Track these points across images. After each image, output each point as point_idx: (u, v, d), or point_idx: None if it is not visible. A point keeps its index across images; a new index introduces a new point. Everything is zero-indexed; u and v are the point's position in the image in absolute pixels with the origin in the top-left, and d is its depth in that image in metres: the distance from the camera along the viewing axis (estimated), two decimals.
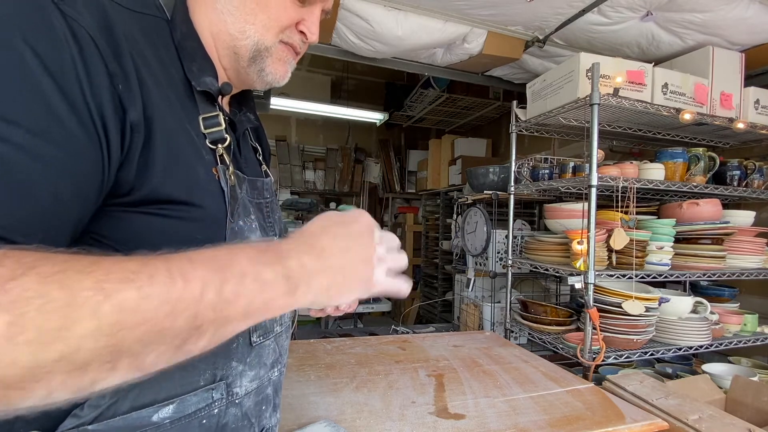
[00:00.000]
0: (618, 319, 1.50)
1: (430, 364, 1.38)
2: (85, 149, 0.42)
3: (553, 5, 1.70)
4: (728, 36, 1.73)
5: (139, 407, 0.49)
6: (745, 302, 1.97)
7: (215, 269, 0.38)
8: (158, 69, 0.52)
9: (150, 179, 0.48)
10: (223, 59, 0.63)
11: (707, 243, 1.67)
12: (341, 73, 4.51)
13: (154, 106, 0.49)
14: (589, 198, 1.47)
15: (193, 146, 0.55)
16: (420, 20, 1.83)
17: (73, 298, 0.30)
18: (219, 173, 0.57)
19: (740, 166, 1.81)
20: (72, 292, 0.31)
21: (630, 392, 1.22)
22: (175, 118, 0.53)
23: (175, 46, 0.58)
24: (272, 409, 0.67)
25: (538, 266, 1.79)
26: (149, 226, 0.49)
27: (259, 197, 0.68)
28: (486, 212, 2.26)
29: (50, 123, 0.39)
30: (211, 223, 0.54)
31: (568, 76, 1.61)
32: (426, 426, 0.98)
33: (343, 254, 0.47)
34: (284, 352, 0.70)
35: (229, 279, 0.38)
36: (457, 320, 2.70)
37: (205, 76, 0.58)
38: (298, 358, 1.37)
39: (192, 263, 0.38)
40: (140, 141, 0.47)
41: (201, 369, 0.54)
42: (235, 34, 0.61)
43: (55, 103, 0.40)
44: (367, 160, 5.01)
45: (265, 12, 0.60)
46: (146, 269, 0.35)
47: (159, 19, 0.58)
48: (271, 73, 0.65)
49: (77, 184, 0.42)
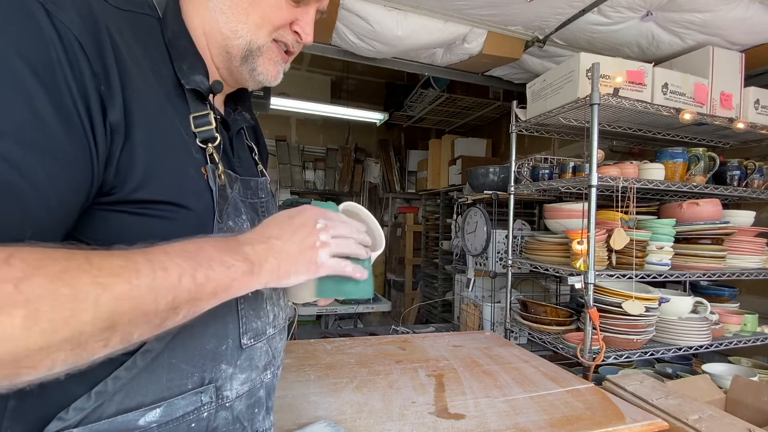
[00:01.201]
0: (618, 319, 1.50)
1: (430, 364, 1.38)
2: (75, 156, 0.43)
3: (553, 5, 1.70)
4: (728, 36, 1.73)
5: (126, 410, 0.49)
6: (745, 302, 1.97)
7: (188, 258, 0.45)
8: (148, 67, 0.52)
9: (131, 179, 0.48)
10: (216, 58, 0.63)
11: (707, 243, 1.67)
12: (341, 73, 4.51)
13: (137, 106, 0.48)
14: (589, 198, 1.47)
15: (182, 145, 0.54)
16: (420, 20, 1.83)
17: (77, 293, 0.36)
18: (208, 173, 0.56)
19: (740, 166, 1.81)
20: (76, 287, 0.36)
21: (630, 392, 1.22)
22: (164, 117, 0.53)
23: (165, 45, 0.58)
24: (265, 412, 0.66)
25: (538, 266, 1.79)
26: (132, 226, 0.49)
27: (253, 197, 0.67)
28: (486, 212, 2.26)
29: (41, 132, 0.40)
30: (197, 223, 0.54)
31: (568, 76, 1.61)
32: (426, 426, 0.98)
33: (287, 241, 0.54)
34: (278, 354, 0.69)
35: (200, 265, 0.45)
36: (457, 320, 2.70)
37: (195, 75, 0.58)
38: (298, 358, 1.37)
39: (168, 255, 0.44)
40: (120, 141, 0.47)
41: (188, 372, 0.54)
42: (228, 33, 0.60)
43: (44, 110, 0.40)
44: (367, 160, 5.01)
45: (257, 11, 0.60)
46: (131, 264, 0.40)
47: (150, 17, 0.57)
48: (263, 73, 0.65)
49: (69, 191, 0.43)
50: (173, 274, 0.43)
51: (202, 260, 0.46)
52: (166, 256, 0.43)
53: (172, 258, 0.43)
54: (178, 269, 0.43)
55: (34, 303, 0.34)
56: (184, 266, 0.44)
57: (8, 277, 0.34)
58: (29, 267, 0.35)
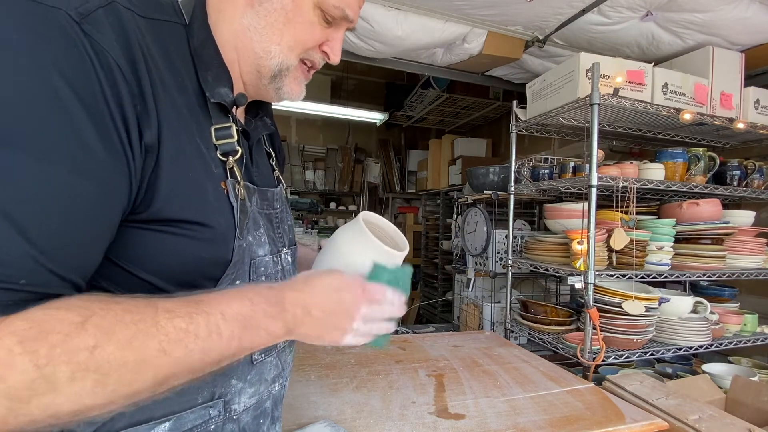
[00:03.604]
0: (618, 319, 1.50)
1: (430, 364, 1.38)
2: (117, 180, 0.44)
3: (553, 5, 1.70)
4: (728, 36, 1.73)
5: (136, 424, 0.50)
6: (745, 302, 1.97)
7: (240, 324, 0.48)
8: (171, 79, 0.51)
9: (157, 199, 0.48)
10: (246, 75, 0.62)
11: (707, 243, 1.67)
12: (341, 73, 4.51)
13: (165, 124, 0.48)
14: (589, 198, 1.47)
15: (203, 161, 0.54)
16: (420, 20, 1.83)
17: (144, 359, 0.40)
18: (228, 187, 0.56)
19: (740, 166, 1.81)
20: (143, 354, 0.40)
21: (630, 392, 1.22)
22: (186, 133, 0.52)
23: (190, 53, 0.56)
24: (270, 422, 0.66)
25: (538, 266, 1.79)
26: (158, 244, 0.50)
27: (269, 208, 0.67)
28: (486, 212, 2.26)
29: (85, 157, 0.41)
30: (220, 240, 0.54)
31: (568, 76, 1.61)
32: (426, 426, 0.98)
33: (325, 317, 0.55)
34: (287, 367, 0.70)
35: (249, 332, 0.49)
36: (457, 320, 2.70)
37: (219, 87, 0.57)
38: (298, 358, 1.37)
39: (224, 319, 0.46)
40: (153, 161, 0.47)
41: (200, 388, 0.54)
42: (260, 53, 0.59)
43: (88, 134, 0.41)
44: (367, 160, 5.01)
45: (291, 32, 0.59)
46: (192, 327, 0.44)
47: (176, 24, 0.56)
48: (288, 93, 0.65)
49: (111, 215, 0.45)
50: (224, 338, 0.46)
51: (251, 327, 0.49)
52: (222, 320, 0.46)
53: (228, 322, 0.47)
54: (229, 334, 0.46)
55: (105, 369, 0.38)
56: (236, 332, 0.47)
57: (84, 345, 0.37)
58: (102, 334, 0.38)
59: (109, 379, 0.38)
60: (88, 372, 0.37)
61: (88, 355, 0.37)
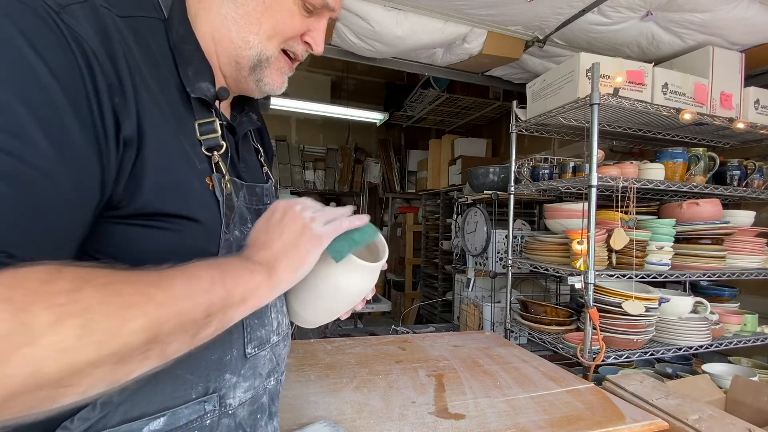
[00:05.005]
0: (618, 319, 1.50)
1: (430, 364, 1.38)
2: (91, 167, 0.43)
3: (553, 5, 1.70)
4: (728, 36, 1.73)
5: (130, 420, 0.49)
6: (745, 302, 1.97)
7: (214, 266, 0.46)
8: (151, 75, 0.51)
9: (140, 193, 0.47)
10: (224, 67, 0.61)
11: (707, 243, 1.67)
12: (341, 73, 4.51)
13: (147, 118, 0.48)
14: (589, 198, 1.47)
15: (186, 157, 0.53)
16: (420, 20, 1.83)
17: (125, 300, 0.37)
18: (213, 182, 0.55)
19: (740, 166, 1.81)
20: (123, 296, 0.37)
21: (630, 392, 1.22)
22: (168, 128, 0.51)
23: (170, 48, 0.55)
24: (268, 417, 0.66)
25: (538, 266, 1.79)
26: (140, 239, 0.49)
27: (258, 203, 0.66)
28: (486, 212, 2.26)
29: (63, 141, 0.40)
30: (205, 235, 0.54)
31: (568, 76, 1.61)
32: (426, 426, 0.98)
33: (281, 235, 0.54)
34: (281, 361, 0.69)
35: (226, 271, 0.47)
36: (457, 320, 2.70)
37: (200, 82, 0.56)
38: (298, 358, 1.37)
39: (196, 266, 0.45)
40: (132, 155, 0.47)
41: (193, 382, 0.54)
42: (238, 43, 0.59)
43: (67, 120, 0.40)
44: (367, 160, 5.01)
45: (270, 22, 0.59)
46: (165, 275, 0.42)
47: (154, 19, 0.55)
48: (269, 84, 0.64)
49: (83, 202, 0.43)
50: (205, 280, 0.44)
51: (227, 268, 0.47)
52: (194, 267, 0.45)
53: (200, 267, 0.45)
54: (208, 275, 0.45)
55: (88, 312, 0.35)
56: (213, 273, 0.45)
57: (62, 289, 0.34)
58: (79, 279, 0.36)
59: (92, 324, 0.34)
60: (70, 316, 0.33)
61: (67, 298, 0.34)
